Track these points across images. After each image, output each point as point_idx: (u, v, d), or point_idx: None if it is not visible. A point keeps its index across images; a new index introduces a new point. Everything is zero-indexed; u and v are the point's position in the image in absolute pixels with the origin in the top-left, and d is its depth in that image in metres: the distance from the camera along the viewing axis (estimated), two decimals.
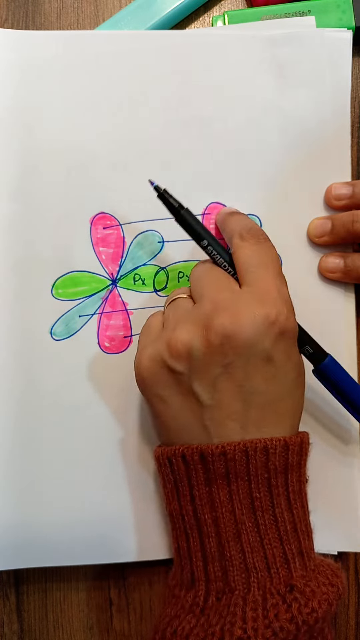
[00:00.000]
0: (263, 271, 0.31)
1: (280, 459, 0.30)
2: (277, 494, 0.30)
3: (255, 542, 0.29)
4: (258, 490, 0.29)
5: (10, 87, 0.38)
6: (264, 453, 0.29)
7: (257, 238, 0.32)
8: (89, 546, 0.37)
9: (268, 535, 0.29)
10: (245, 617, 0.27)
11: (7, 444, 0.37)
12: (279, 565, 0.29)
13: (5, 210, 0.38)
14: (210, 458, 0.29)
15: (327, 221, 0.37)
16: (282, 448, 0.30)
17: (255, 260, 0.32)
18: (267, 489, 0.30)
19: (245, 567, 0.29)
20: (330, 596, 0.28)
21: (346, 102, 0.38)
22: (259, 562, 0.29)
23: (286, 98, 0.38)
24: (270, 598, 0.28)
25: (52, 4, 0.41)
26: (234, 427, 0.30)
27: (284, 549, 0.29)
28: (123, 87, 0.38)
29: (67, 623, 0.39)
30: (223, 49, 0.38)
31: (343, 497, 0.38)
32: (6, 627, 0.39)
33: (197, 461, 0.30)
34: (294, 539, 0.30)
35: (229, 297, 0.30)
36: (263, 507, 0.29)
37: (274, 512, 0.29)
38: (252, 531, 0.29)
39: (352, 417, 0.38)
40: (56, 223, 0.38)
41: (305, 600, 0.28)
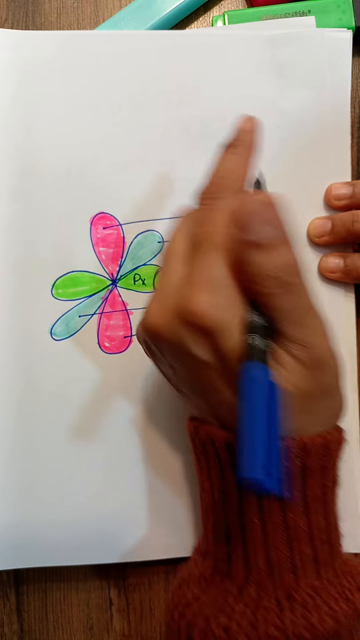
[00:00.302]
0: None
1: (296, 462, 0.27)
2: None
3: (259, 540, 0.28)
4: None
5: (10, 87, 0.38)
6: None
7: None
8: (89, 546, 0.37)
9: (275, 537, 0.28)
10: (233, 610, 0.27)
11: (7, 443, 0.37)
12: (283, 570, 0.27)
13: (5, 210, 0.38)
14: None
15: (327, 221, 0.37)
16: (300, 450, 0.27)
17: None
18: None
19: (245, 561, 0.28)
20: (339, 613, 0.26)
21: (346, 102, 0.38)
22: (260, 561, 0.28)
23: (286, 98, 0.38)
24: (265, 600, 0.27)
25: (52, 4, 0.41)
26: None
27: (292, 554, 0.27)
28: (123, 87, 0.38)
29: (67, 623, 0.39)
30: (223, 49, 0.38)
31: (343, 497, 0.38)
32: (6, 627, 0.39)
33: (224, 449, 0.28)
34: (306, 546, 0.28)
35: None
36: (271, 509, 0.28)
37: (284, 516, 0.27)
38: (258, 528, 0.28)
39: (352, 417, 0.38)
40: (56, 223, 0.38)
41: (303, 613, 0.26)
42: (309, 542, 0.28)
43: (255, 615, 0.26)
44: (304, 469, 0.27)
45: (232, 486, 0.29)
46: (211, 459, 0.29)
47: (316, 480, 0.28)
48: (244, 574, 0.28)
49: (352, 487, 0.38)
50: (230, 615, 0.27)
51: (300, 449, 0.27)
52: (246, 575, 0.28)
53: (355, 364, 0.38)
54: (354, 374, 0.38)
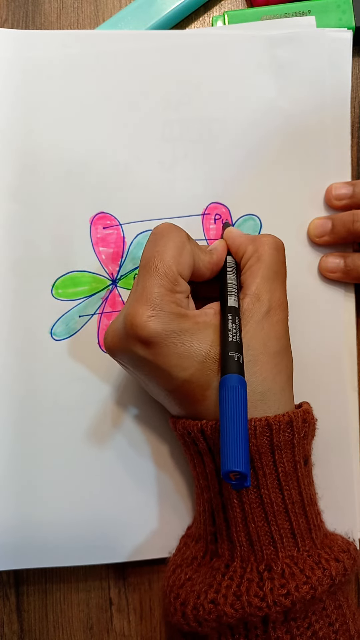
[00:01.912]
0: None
1: (263, 439, 0.30)
2: (262, 475, 0.30)
3: (239, 518, 0.30)
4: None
5: (10, 87, 0.38)
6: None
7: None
8: (89, 546, 0.37)
9: (252, 514, 0.30)
10: (220, 585, 0.29)
11: (7, 443, 0.37)
12: (262, 544, 0.30)
13: (5, 210, 0.38)
14: (210, 434, 0.30)
15: (327, 221, 0.37)
16: (264, 428, 0.30)
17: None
18: (256, 468, 0.30)
19: (229, 539, 0.31)
20: (315, 580, 0.29)
21: (346, 102, 0.38)
22: (241, 537, 0.30)
23: (286, 98, 0.38)
24: (248, 572, 0.29)
25: (52, 4, 0.41)
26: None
27: (270, 528, 0.30)
28: (123, 87, 0.38)
29: (67, 623, 0.39)
30: (223, 49, 0.38)
31: (342, 496, 0.38)
32: (6, 627, 0.39)
33: (199, 436, 0.31)
34: (282, 520, 0.30)
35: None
36: (250, 486, 0.30)
37: (259, 492, 0.30)
38: (237, 507, 0.30)
39: (352, 417, 0.38)
40: (56, 223, 0.38)
41: (281, 582, 0.29)
42: (285, 516, 0.30)
43: (240, 587, 0.29)
44: (272, 446, 0.30)
45: (211, 470, 0.31)
46: (191, 448, 0.32)
47: (285, 457, 0.30)
48: (229, 551, 0.31)
49: (351, 487, 0.38)
50: (217, 589, 0.29)
51: (265, 427, 0.30)
52: (231, 552, 0.31)
53: (355, 364, 0.38)
54: (354, 374, 0.38)
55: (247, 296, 0.32)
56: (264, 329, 0.31)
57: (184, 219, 0.38)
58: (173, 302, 0.30)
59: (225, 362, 0.29)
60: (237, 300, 0.32)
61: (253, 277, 0.32)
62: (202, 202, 0.38)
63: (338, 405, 0.38)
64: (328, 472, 0.38)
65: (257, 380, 0.30)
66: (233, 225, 0.38)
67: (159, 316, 0.29)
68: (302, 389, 0.38)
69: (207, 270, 0.34)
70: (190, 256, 0.32)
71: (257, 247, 0.33)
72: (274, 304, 0.32)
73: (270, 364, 0.31)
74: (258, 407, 0.30)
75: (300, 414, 0.31)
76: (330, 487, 0.38)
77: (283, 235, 0.38)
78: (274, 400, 0.31)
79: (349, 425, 0.38)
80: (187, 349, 0.30)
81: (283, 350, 0.32)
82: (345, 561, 0.30)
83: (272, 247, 0.33)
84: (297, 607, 0.28)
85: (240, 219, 0.38)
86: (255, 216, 0.38)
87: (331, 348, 0.38)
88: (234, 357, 0.29)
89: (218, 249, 0.35)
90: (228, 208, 0.38)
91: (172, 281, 0.30)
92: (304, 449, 0.31)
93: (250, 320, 0.31)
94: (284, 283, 0.33)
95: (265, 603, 0.28)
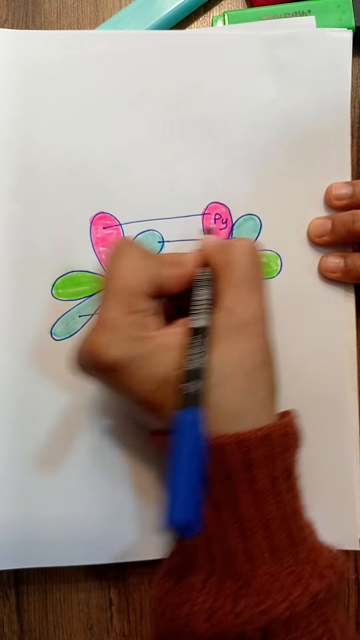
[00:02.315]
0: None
1: (238, 455, 0.28)
2: (241, 491, 0.29)
3: (217, 534, 0.29)
4: (222, 487, 0.29)
5: (10, 87, 0.38)
6: (219, 450, 0.28)
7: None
8: (88, 546, 0.37)
9: (231, 530, 0.29)
10: (196, 600, 0.28)
11: (7, 443, 0.37)
12: (240, 560, 0.29)
13: (5, 210, 0.38)
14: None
15: (327, 221, 0.37)
16: (238, 444, 0.28)
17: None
18: (229, 485, 0.29)
19: (208, 554, 0.29)
20: (294, 598, 0.27)
21: (346, 102, 0.38)
22: (220, 553, 0.29)
23: (286, 98, 0.38)
24: (225, 589, 0.28)
25: (52, 4, 0.41)
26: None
27: (248, 545, 0.29)
28: (123, 87, 0.38)
29: (67, 623, 0.39)
30: (223, 49, 0.38)
31: (342, 496, 0.38)
32: (6, 627, 0.39)
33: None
34: (261, 536, 0.29)
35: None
36: (224, 504, 0.29)
37: (236, 510, 0.29)
38: (215, 523, 0.29)
39: (352, 417, 0.38)
40: (56, 223, 0.38)
41: (258, 599, 0.27)
42: (263, 532, 0.29)
43: (215, 603, 0.28)
44: (248, 461, 0.28)
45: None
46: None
47: (264, 472, 0.29)
48: (208, 566, 0.29)
49: (350, 487, 0.38)
50: (193, 604, 0.28)
51: (239, 443, 0.28)
52: (210, 567, 0.29)
53: (355, 364, 0.38)
54: (354, 374, 0.38)
55: (219, 310, 0.30)
56: (239, 345, 0.29)
57: (184, 219, 0.38)
58: (131, 325, 0.29)
59: (183, 394, 0.27)
60: (206, 317, 0.30)
61: (225, 288, 0.30)
62: (202, 202, 0.38)
63: (338, 405, 0.38)
64: (328, 473, 0.38)
65: (230, 400, 0.29)
66: (234, 225, 0.38)
67: (116, 342, 0.29)
68: (302, 389, 0.38)
69: (174, 284, 0.32)
70: (148, 272, 0.31)
71: (227, 254, 0.31)
72: (249, 317, 0.30)
73: (246, 381, 0.29)
74: (233, 427, 0.29)
75: (279, 427, 0.29)
76: (330, 487, 0.38)
77: (283, 235, 0.38)
78: (250, 418, 0.29)
79: (349, 426, 0.38)
80: (151, 373, 0.29)
81: (261, 366, 0.30)
82: (331, 577, 0.29)
83: (243, 253, 0.31)
84: (275, 625, 0.27)
85: (240, 219, 0.38)
86: (255, 216, 0.38)
87: (331, 348, 0.38)
88: (191, 387, 0.27)
89: (188, 260, 0.33)
90: (228, 208, 0.38)
91: (129, 301, 0.29)
92: (286, 462, 0.30)
93: (223, 338, 0.29)
94: (261, 291, 0.31)
95: (240, 620, 0.27)
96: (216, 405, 0.28)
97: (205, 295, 0.31)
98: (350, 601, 0.39)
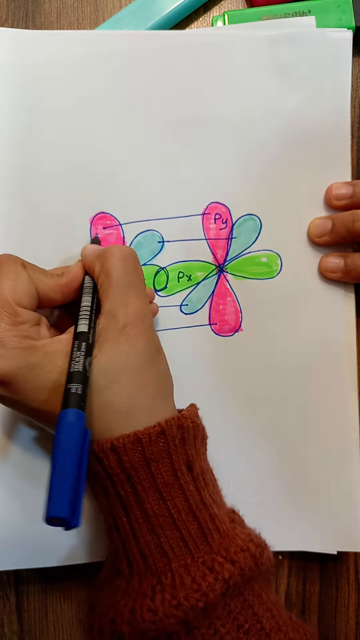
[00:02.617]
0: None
1: (135, 454, 0.29)
2: (142, 489, 0.29)
3: (130, 535, 0.30)
4: (122, 488, 0.30)
5: (10, 87, 0.38)
6: (113, 452, 0.29)
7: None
8: (88, 546, 0.37)
9: (140, 529, 0.30)
10: (119, 604, 0.29)
11: (7, 443, 0.37)
12: (155, 557, 0.29)
13: (6, 210, 0.38)
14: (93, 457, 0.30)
15: (327, 221, 0.38)
16: (134, 443, 0.29)
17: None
18: (130, 485, 0.29)
19: (126, 557, 0.30)
20: (206, 587, 0.28)
21: (346, 102, 0.38)
22: (135, 553, 0.30)
23: (286, 98, 0.38)
24: (143, 588, 0.29)
25: (52, 4, 0.41)
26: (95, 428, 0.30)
27: (159, 540, 0.29)
28: (123, 87, 0.38)
29: (67, 623, 0.39)
30: (223, 49, 0.38)
31: (342, 496, 0.38)
32: (6, 627, 0.39)
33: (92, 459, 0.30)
34: (171, 530, 0.30)
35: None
36: (130, 504, 0.30)
37: (142, 507, 0.29)
38: (126, 524, 0.30)
39: (352, 417, 0.38)
40: (56, 223, 0.38)
41: (173, 593, 0.28)
42: (172, 525, 0.30)
43: (135, 604, 0.29)
44: (145, 458, 0.29)
45: (99, 492, 0.31)
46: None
47: (162, 467, 0.30)
48: (128, 569, 0.30)
49: (351, 487, 0.38)
50: (116, 608, 0.29)
51: (135, 442, 0.29)
52: (130, 570, 0.30)
53: (355, 364, 0.38)
54: (354, 374, 0.38)
55: (102, 315, 0.31)
56: (121, 346, 0.30)
57: (184, 218, 0.38)
58: (17, 336, 0.30)
59: (63, 396, 0.28)
60: (88, 323, 0.31)
61: (105, 294, 0.31)
62: (202, 202, 0.38)
63: (338, 405, 0.38)
64: (328, 472, 0.38)
65: (120, 400, 0.29)
66: (234, 225, 0.38)
67: (3, 354, 0.29)
68: (302, 389, 0.38)
69: (57, 294, 0.33)
70: (27, 283, 0.31)
71: (103, 262, 0.32)
72: (130, 318, 0.31)
73: (133, 381, 0.30)
74: (126, 425, 0.29)
75: (173, 421, 0.30)
76: (331, 487, 0.38)
77: (283, 235, 0.38)
78: (142, 415, 0.30)
79: (349, 426, 0.38)
80: (40, 382, 0.29)
81: (147, 364, 0.31)
82: (241, 561, 0.29)
83: (118, 259, 0.32)
84: (193, 616, 0.28)
85: (240, 218, 0.38)
86: (255, 216, 0.38)
87: (331, 348, 0.38)
88: (72, 389, 0.28)
89: (72, 270, 0.34)
90: (228, 208, 0.38)
91: (12, 314, 0.30)
92: (185, 454, 0.30)
93: (107, 340, 0.30)
94: (140, 292, 0.32)
95: (158, 617, 0.28)
96: (107, 407, 0.29)
97: (89, 302, 0.32)
98: (350, 601, 0.39)
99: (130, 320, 0.31)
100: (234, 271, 0.38)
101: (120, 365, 0.30)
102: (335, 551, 0.38)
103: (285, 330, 0.38)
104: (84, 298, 0.32)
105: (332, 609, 0.39)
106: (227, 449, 0.37)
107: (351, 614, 0.39)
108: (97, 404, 0.29)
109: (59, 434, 0.27)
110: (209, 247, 0.38)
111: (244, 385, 0.38)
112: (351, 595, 0.39)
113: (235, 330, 0.38)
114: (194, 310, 0.38)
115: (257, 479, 0.38)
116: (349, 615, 0.39)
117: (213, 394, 0.38)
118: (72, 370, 0.29)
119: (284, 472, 0.38)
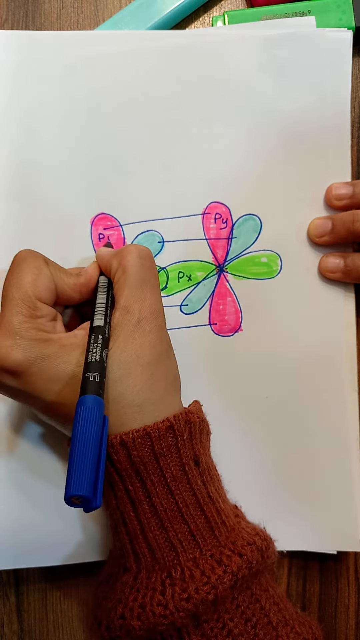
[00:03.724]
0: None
1: (145, 449, 0.29)
2: (150, 484, 0.30)
3: (137, 530, 0.30)
4: (131, 483, 0.30)
5: (10, 87, 0.38)
6: (123, 447, 0.29)
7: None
8: (88, 545, 0.37)
9: (148, 523, 0.30)
10: (128, 599, 0.30)
11: (7, 443, 0.37)
12: (163, 551, 0.30)
13: (5, 210, 0.38)
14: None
15: (327, 221, 0.38)
16: (144, 437, 0.29)
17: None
18: (139, 480, 0.30)
19: (134, 552, 0.31)
20: (215, 580, 0.28)
21: (346, 102, 0.38)
22: (143, 548, 0.30)
23: (286, 98, 0.38)
24: (152, 582, 0.30)
25: (52, 4, 0.41)
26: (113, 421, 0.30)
27: (168, 534, 0.30)
28: (123, 87, 0.38)
29: (67, 623, 0.39)
30: (223, 49, 0.38)
31: (342, 496, 0.38)
32: (6, 627, 0.39)
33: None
34: (179, 524, 0.30)
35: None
36: (139, 498, 0.30)
37: (151, 502, 0.30)
38: (134, 519, 0.30)
39: (352, 418, 0.38)
40: (57, 224, 0.38)
41: (182, 587, 0.29)
42: (181, 519, 0.30)
43: (144, 598, 0.29)
44: (155, 453, 0.30)
45: (106, 488, 0.31)
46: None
47: (171, 461, 0.30)
48: (135, 564, 0.31)
49: (350, 487, 0.38)
50: (125, 604, 0.29)
51: (145, 437, 0.29)
52: (137, 565, 0.31)
53: (355, 364, 0.38)
54: (354, 374, 0.38)
55: (117, 310, 0.32)
56: (135, 340, 0.31)
57: (184, 218, 0.38)
58: (34, 328, 0.30)
59: (82, 384, 0.28)
60: (104, 318, 0.31)
61: (121, 289, 0.32)
62: (202, 202, 0.38)
63: (338, 405, 0.38)
64: (328, 472, 0.38)
65: (132, 392, 0.30)
66: (234, 225, 0.38)
67: (20, 345, 0.30)
68: (302, 389, 0.38)
69: (74, 293, 0.34)
70: (48, 280, 0.32)
71: (121, 259, 0.33)
72: (145, 313, 0.31)
73: (146, 374, 0.30)
74: (136, 419, 0.30)
75: (181, 416, 0.31)
76: (330, 487, 0.38)
77: (283, 235, 0.38)
78: (152, 409, 0.30)
79: (349, 426, 0.38)
80: (55, 373, 0.30)
81: (159, 358, 0.31)
82: (249, 554, 0.30)
83: (135, 257, 0.32)
84: (203, 609, 0.28)
85: (241, 218, 0.38)
86: (255, 216, 0.38)
87: (331, 348, 0.38)
88: (90, 377, 0.28)
89: (88, 270, 0.34)
90: (228, 208, 0.38)
91: (31, 307, 0.31)
92: (192, 449, 0.31)
93: (121, 334, 0.31)
94: (155, 289, 0.33)
95: (169, 610, 0.28)
96: (120, 399, 0.30)
97: (104, 299, 0.33)
98: (350, 601, 0.39)
99: (145, 315, 0.31)
100: (234, 271, 0.38)
101: (135, 358, 0.30)
102: (335, 551, 0.38)
103: (285, 330, 0.38)
104: (99, 296, 0.33)
105: (332, 609, 0.39)
106: (227, 449, 0.37)
107: (351, 614, 0.39)
108: (110, 396, 0.30)
109: (78, 419, 0.27)
110: (209, 247, 0.38)
111: (243, 386, 0.38)
112: (351, 595, 0.39)
113: (235, 331, 0.38)
114: (194, 310, 0.38)
115: (256, 479, 0.38)
116: (349, 615, 0.39)
117: (213, 394, 0.38)
118: (89, 360, 0.29)
119: (284, 472, 0.38)
